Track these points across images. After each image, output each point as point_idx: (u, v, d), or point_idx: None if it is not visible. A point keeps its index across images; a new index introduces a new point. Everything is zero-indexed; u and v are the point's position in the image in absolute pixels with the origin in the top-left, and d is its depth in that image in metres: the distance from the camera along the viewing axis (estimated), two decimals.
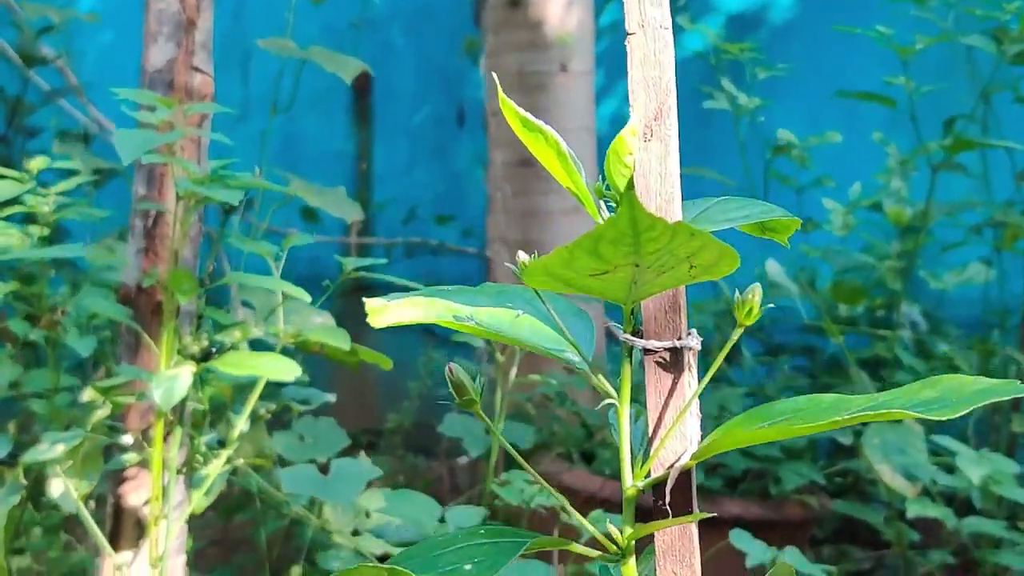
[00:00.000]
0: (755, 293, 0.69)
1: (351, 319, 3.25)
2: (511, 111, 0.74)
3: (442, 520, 1.66)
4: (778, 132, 3.03)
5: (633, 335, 0.74)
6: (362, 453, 2.26)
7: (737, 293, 0.70)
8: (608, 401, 0.74)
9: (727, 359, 3.23)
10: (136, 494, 1.73)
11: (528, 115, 0.73)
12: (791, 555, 1.86)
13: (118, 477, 1.69)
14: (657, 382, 0.74)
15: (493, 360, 2.29)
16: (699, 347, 0.74)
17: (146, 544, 1.70)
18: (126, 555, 1.73)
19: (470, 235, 3.64)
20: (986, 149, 2.67)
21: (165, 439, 1.58)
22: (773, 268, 2.86)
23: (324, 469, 2.51)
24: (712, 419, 2.50)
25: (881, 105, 2.64)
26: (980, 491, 2.22)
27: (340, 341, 1.52)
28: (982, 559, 2.38)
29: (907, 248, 3.06)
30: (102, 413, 1.50)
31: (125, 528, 1.75)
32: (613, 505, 2.40)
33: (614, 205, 0.75)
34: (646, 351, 0.73)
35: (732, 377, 3.09)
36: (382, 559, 2.41)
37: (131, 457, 1.64)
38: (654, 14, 0.73)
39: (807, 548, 2.61)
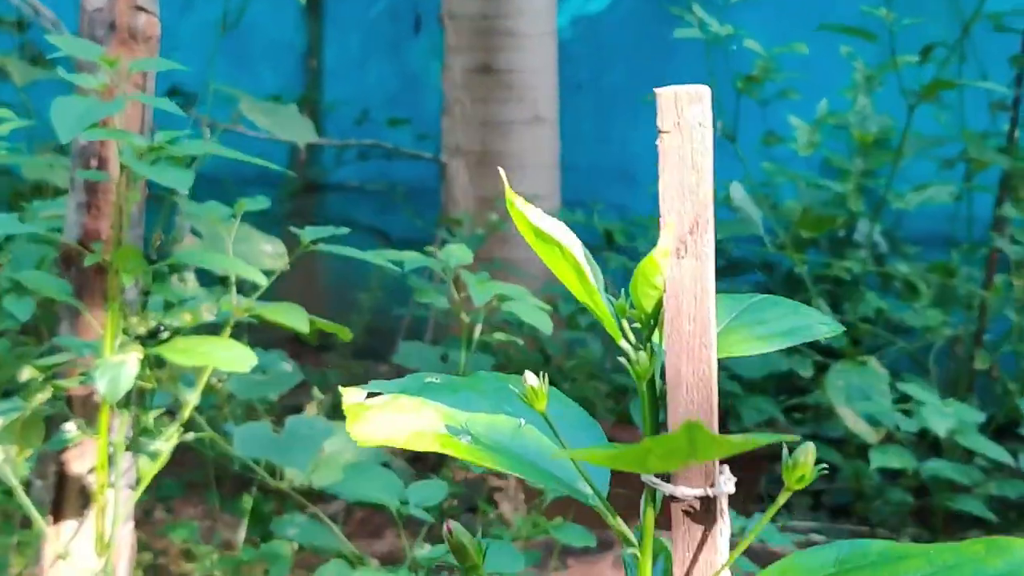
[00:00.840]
0: (808, 455, 0.59)
1: (300, 219, 3.11)
2: (523, 221, 0.62)
3: (404, 502, 1.57)
4: (745, 42, 2.90)
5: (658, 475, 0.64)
6: (313, 406, 2.16)
7: (786, 453, 0.60)
8: (631, 550, 0.65)
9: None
10: (80, 462, 1.62)
11: (542, 224, 0.62)
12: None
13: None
14: (685, 533, 0.64)
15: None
16: (733, 490, 0.64)
17: (91, 513, 1.60)
18: (70, 524, 1.63)
19: (425, 139, 3.49)
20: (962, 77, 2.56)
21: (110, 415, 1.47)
22: (737, 192, 2.75)
23: (283, 415, 2.40)
24: None
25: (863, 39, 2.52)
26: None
27: (297, 321, 1.41)
28: (939, 504, 2.35)
29: (870, 167, 2.97)
30: (42, 396, 1.38)
31: (69, 497, 1.64)
32: None
33: (639, 327, 0.64)
34: (672, 498, 0.63)
35: None
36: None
37: (74, 429, 1.53)
38: (692, 112, 0.61)
39: (763, 484, 2.57)
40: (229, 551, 2.27)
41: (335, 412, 2.86)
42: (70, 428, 1.43)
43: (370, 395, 0.74)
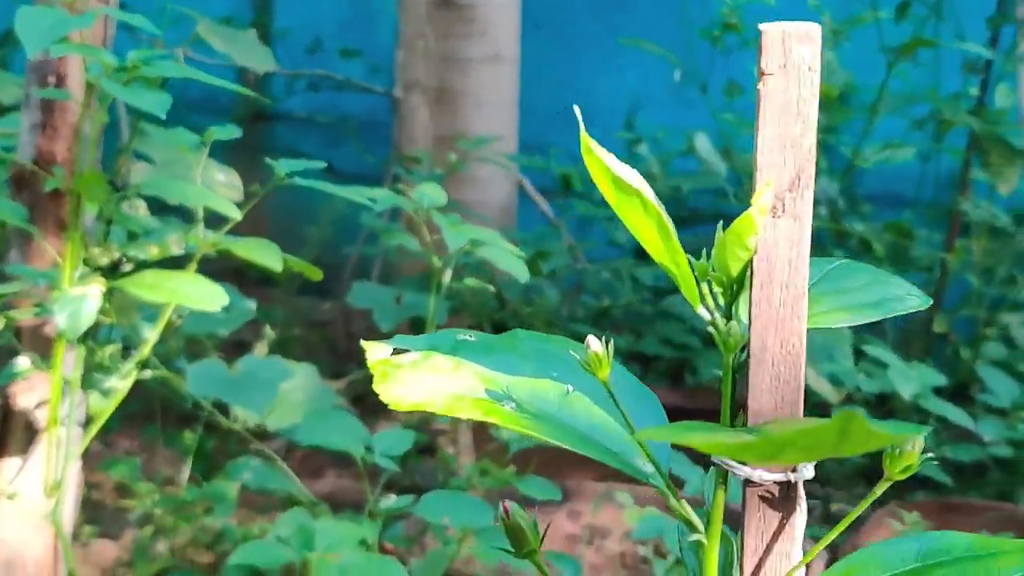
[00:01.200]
0: (917, 444, 0.53)
1: (250, 149, 3.00)
2: (600, 167, 0.54)
3: (369, 448, 1.50)
4: None
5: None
6: (264, 344, 2.08)
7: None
8: (695, 537, 0.58)
9: None
10: (27, 396, 1.52)
11: (622, 173, 0.54)
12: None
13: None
14: (760, 520, 0.58)
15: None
16: (812, 474, 0.57)
17: (36, 451, 1.50)
18: (14, 462, 1.54)
19: (378, 72, 3.37)
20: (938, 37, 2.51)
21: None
22: (702, 143, 2.70)
23: (227, 350, 2.32)
24: None
25: None
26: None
27: (269, 258, 1.32)
28: None
29: (832, 123, 2.93)
30: None
31: (14, 433, 1.55)
32: None
33: (721, 291, 0.57)
34: (748, 482, 0.57)
35: None
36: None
37: (27, 363, 1.43)
38: (801, 52, 0.54)
39: None
40: (170, 488, 2.19)
41: (280, 351, 2.77)
42: (23, 362, 1.33)
43: (395, 352, 0.66)
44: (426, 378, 0.63)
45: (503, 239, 1.70)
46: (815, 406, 2.42)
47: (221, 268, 2.14)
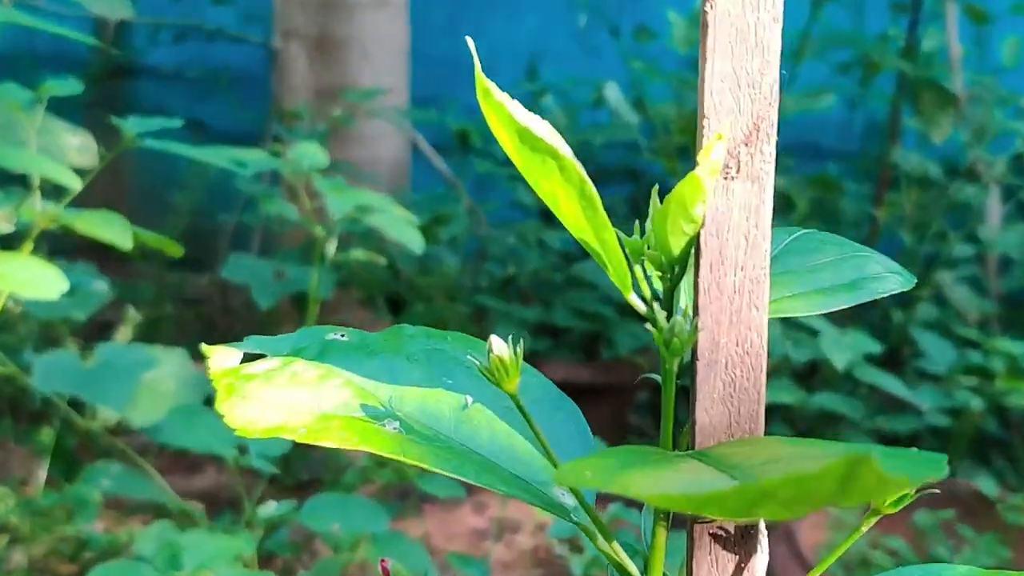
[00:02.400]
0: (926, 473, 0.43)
1: (106, 108, 2.84)
2: (502, 117, 0.44)
3: (242, 449, 1.38)
4: None
5: None
6: (127, 329, 1.95)
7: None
8: None
9: None
10: None
11: (532, 125, 0.44)
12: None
13: None
14: (711, 565, 0.48)
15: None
16: None
17: None
18: None
19: (253, 20, 3.22)
20: None
21: None
22: (612, 93, 2.60)
23: (87, 334, 2.17)
24: None
25: None
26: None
27: (117, 234, 1.19)
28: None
29: None
30: None
31: None
32: None
33: (659, 274, 0.47)
34: (695, 518, 0.47)
35: None
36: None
37: None
38: None
39: (631, 414, 2.46)
40: (25, 490, 2.06)
41: (149, 333, 2.63)
42: None
43: (247, 357, 0.55)
44: (285, 393, 0.52)
45: (394, 204, 1.59)
46: None
47: (81, 242, 2.01)
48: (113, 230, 1.20)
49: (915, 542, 2.01)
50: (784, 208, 2.83)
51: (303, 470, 2.04)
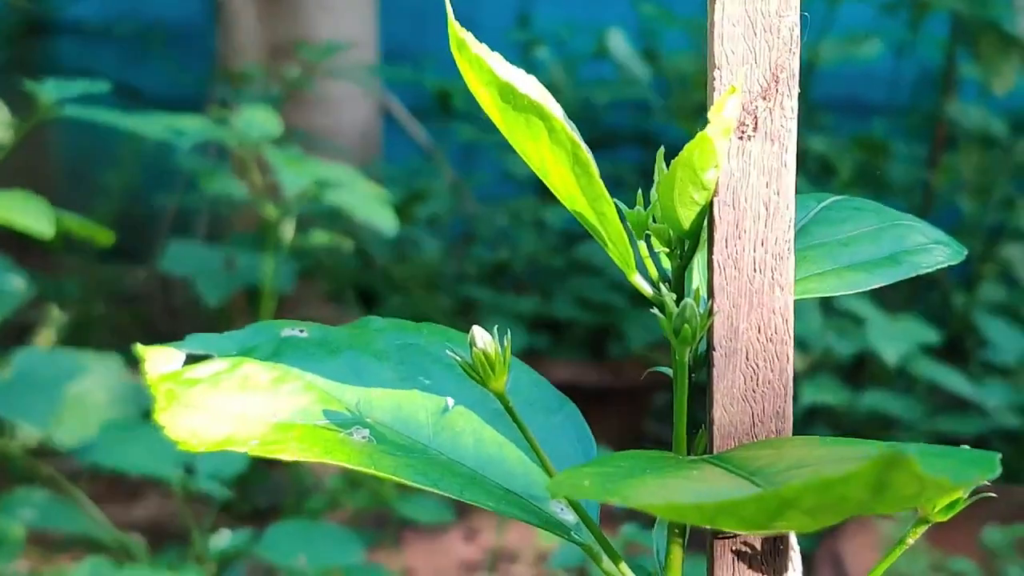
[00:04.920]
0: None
1: (22, 71, 2.85)
2: (481, 73, 0.45)
3: (189, 470, 1.40)
4: None
5: None
6: (49, 332, 1.96)
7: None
8: None
9: None
10: None
11: (516, 81, 0.45)
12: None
13: None
14: None
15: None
16: None
17: None
18: None
19: None
20: None
21: None
22: (617, 42, 2.61)
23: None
24: None
25: None
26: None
27: (36, 220, 1.20)
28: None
29: None
30: None
31: None
32: None
33: (667, 251, 0.48)
34: (717, 533, 0.48)
35: None
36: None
37: None
38: None
39: (647, 420, 2.47)
40: None
41: (76, 336, 2.64)
42: None
43: (190, 359, 0.56)
44: (234, 400, 0.53)
45: (362, 178, 1.60)
46: None
47: None
48: (31, 215, 1.21)
49: (985, 563, 2.02)
50: (822, 173, 2.85)
51: (261, 494, 2.05)
